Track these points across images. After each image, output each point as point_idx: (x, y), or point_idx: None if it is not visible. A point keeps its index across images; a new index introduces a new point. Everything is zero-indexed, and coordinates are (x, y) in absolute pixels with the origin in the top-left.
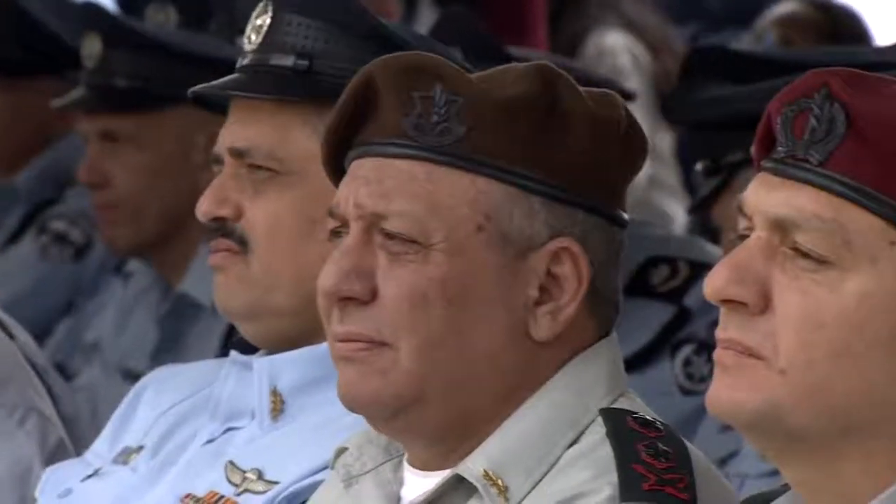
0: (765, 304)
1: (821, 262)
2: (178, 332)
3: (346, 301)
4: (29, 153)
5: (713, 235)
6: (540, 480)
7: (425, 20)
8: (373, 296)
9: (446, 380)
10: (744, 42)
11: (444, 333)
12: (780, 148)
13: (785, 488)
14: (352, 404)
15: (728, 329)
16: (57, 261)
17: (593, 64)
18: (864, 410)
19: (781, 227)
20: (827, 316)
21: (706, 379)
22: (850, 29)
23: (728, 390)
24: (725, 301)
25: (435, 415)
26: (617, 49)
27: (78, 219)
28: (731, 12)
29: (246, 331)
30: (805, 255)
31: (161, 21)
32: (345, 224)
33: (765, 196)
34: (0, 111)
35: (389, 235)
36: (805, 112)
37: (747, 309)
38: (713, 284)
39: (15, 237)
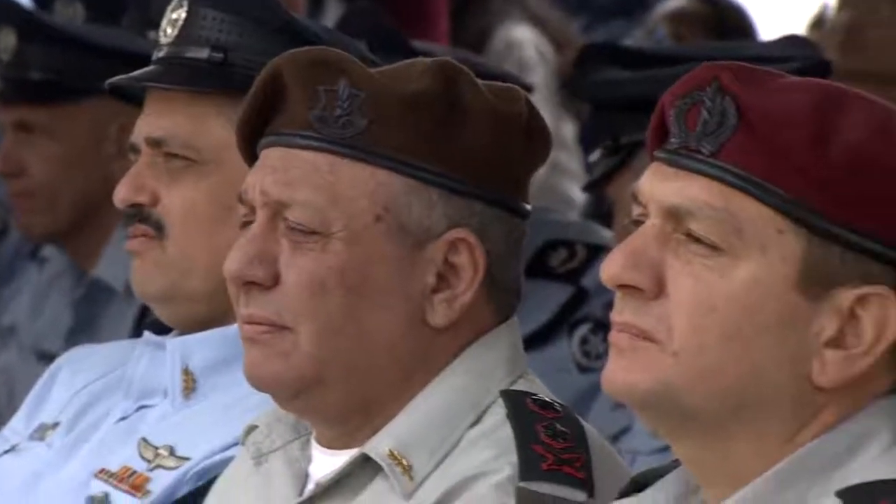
0: (659, 289)
1: (713, 248)
2: (92, 315)
3: (249, 285)
4: None
5: (608, 217)
6: (443, 460)
7: (332, 14)
8: (275, 281)
9: (345, 364)
10: (636, 36)
11: (343, 320)
12: (673, 139)
13: (675, 464)
14: (256, 384)
15: (623, 313)
16: None
17: (500, 58)
18: (753, 392)
19: (675, 216)
20: (718, 300)
21: (602, 357)
22: (737, 23)
23: (622, 372)
24: (621, 286)
25: (335, 396)
26: (523, 43)
27: None
28: (618, 5)
29: (161, 313)
30: (698, 241)
31: (69, 16)
32: (253, 211)
33: (659, 185)
34: None
35: (292, 224)
36: (697, 105)
37: (642, 294)
38: (609, 270)
39: None
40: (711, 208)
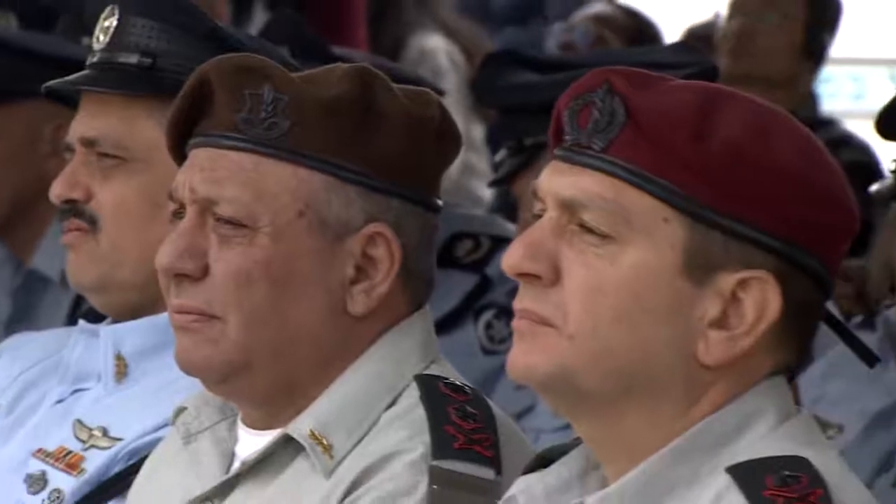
0: (555, 277)
1: (603, 237)
2: (30, 303)
3: (180, 277)
4: None
5: (513, 212)
6: (361, 439)
7: (258, 21)
8: (204, 273)
9: (270, 350)
10: (555, 31)
11: (268, 309)
12: (567, 137)
13: (577, 441)
14: (186, 369)
15: (524, 300)
16: None
17: (415, 65)
18: (644, 371)
19: (569, 208)
20: (608, 286)
21: (506, 340)
22: (652, 36)
23: (523, 356)
24: (521, 275)
25: (261, 381)
26: (436, 51)
27: None
28: (509, 14)
29: (95, 302)
30: (590, 231)
31: (3, 25)
32: (182, 207)
33: (554, 180)
34: None
35: (220, 219)
36: (589, 105)
37: (540, 282)
38: (509, 261)
39: None
40: (602, 199)
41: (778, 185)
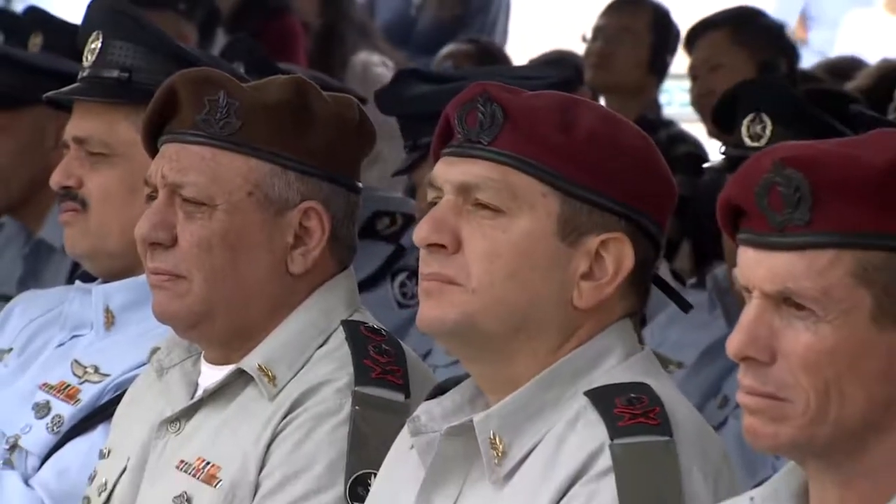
0: (457, 245)
1: (496, 211)
2: (37, 267)
3: (154, 245)
4: None
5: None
6: (298, 371)
7: (219, 43)
8: (173, 242)
9: (226, 303)
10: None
11: (224, 270)
12: (458, 136)
13: (466, 375)
14: (161, 318)
15: (431, 266)
16: None
17: (359, 77)
18: (531, 315)
19: (465, 190)
20: (502, 250)
21: (415, 296)
22: (497, 56)
23: (433, 310)
24: (429, 245)
25: (220, 326)
26: (375, 63)
27: None
28: (424, 45)
29: (87, 267)
30: (485, 207)
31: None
32: (155, 191)
33: (451, 170)
34: None
35: (185, 199)
36: (473, 110)
37: (445, 250)
38: (419, 234)
39: None
40: (493, 181)
41: (626, 166)
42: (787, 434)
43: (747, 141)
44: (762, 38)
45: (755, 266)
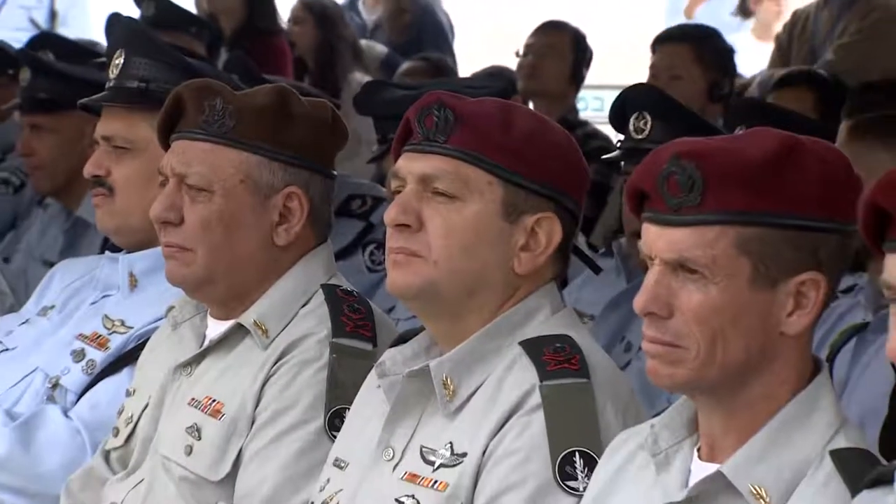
0: (420, 225)
1: (451, 197)
2: (75, 239)
3: (165, 224)
4: None
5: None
6: (286, 326)
7: (223, 58)
8: (181, 221)
9: (224, 270)
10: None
11: (222, 243)
12: (418, 136)
13: (423, 328)
14: (172, 282)
15: (398, 241)
16: (4, 195)
17: (354, 91)
18: (481, 281)
19: (425, 180)
20: (457, 228)
21: (382, 263)
22: (445, 69)
23: (402, 278)
24: (397, 225)
25: (220, 289)
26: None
27: (15, 171)
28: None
29: (115, 240)
30: (442, 194)
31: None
32: (167, 179)
33: (413, 164)
34: None
35: (190, 186)
36: (430, 114)
37: (410, 229)
38: (389, 216)
39: None
40: (448, 173)
41: (554, 158)
42: (682, 375)
43: (634, 134)
44: (717, 59)
45: (656, 239)
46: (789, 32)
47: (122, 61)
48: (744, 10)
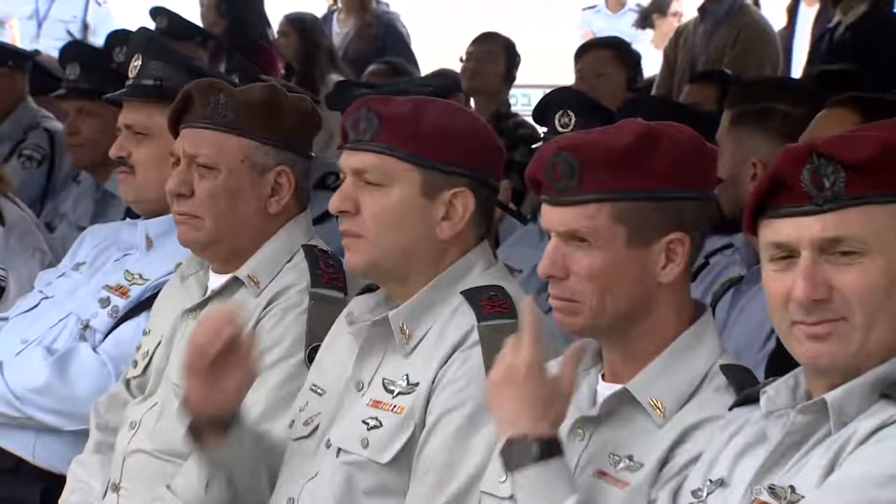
0: (357, 210)
1: (378, 185)
2: (103, 208)
3: (179, 196)
4: (2, 115)
5: None
6: (273, 278)
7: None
8: (192, 193)
9: (227, 233)
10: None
11: (226, 211)
12: (351, 136)
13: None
14: (183, 243)
15: (345, 224)
16: (30, 168)
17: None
18: (412, 250)
19: (358, 173)
20: (386, 210)
21: None
22: (404, 71)
23: (351, 259)
24: (339, 211)
25: (223, 249)
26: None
27: (36, 147)
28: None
29: (135, 209)
30: (371, 183)
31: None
32: (178, 161)
33: (349, 160)
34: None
35: (199, 165)
36: (359, 118)
37: (350, 213)
38: (332, 205)
39: (7, 159)
40: (374, 166)
41: (462, 143)
42: (581, 323)
43: (559, 129)
44: (630, 60)
45: (551, 217)
46: (674, 44)
47: (139, 63)
48: (645, 22)
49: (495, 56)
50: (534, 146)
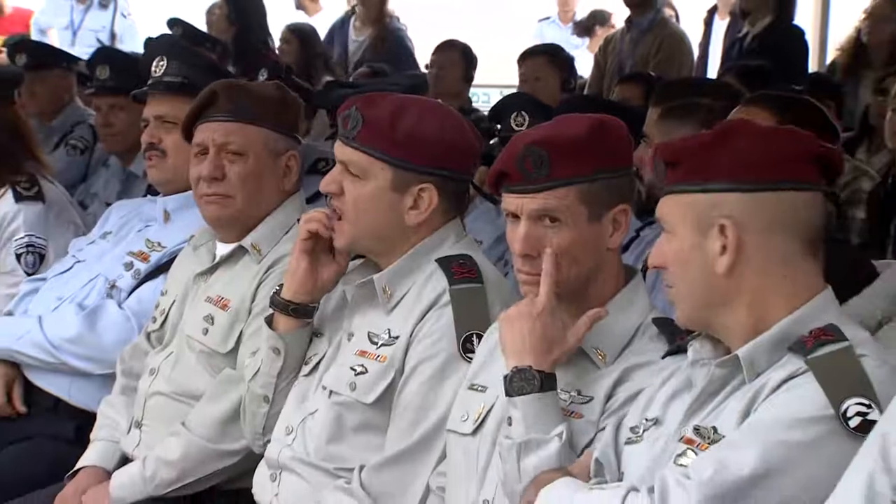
0: (342, 192)
1: (357, 177)
2: (129, 186)
3: (212, 179)
4: (56, 111)
5: None
6: (273, 247)
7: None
8: (223, 176)
9: (250, 210)
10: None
11: (252, 191)
12: (341, 132)
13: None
14: (210, 220)
15: (333, 202)
16: (74, 155)
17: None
18: (384, 233)
19: (343, 164)
20: (361, 198)
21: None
22: (382, 74)
23: (336, 240)
24: (328, 192)
25: (241, 222)
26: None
27: (80, 139)
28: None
29: (161, 188)
30: (352, 174)
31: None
32: (203, 150)
33: (339, 151)
34: (41, 95)
35: (229, 152)
36: (348, 117)
37: (337, 196)
38: (322, 187)
39: (55, 148)
40: (355, 162)
41: (432, 146)
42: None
43: (515, 127)
44: (564, 64)
45: (525, 203)
46: (604, 51)
47: (164, 63)
48: (585, 31)
49: (454, 61)
50: (492, 141)
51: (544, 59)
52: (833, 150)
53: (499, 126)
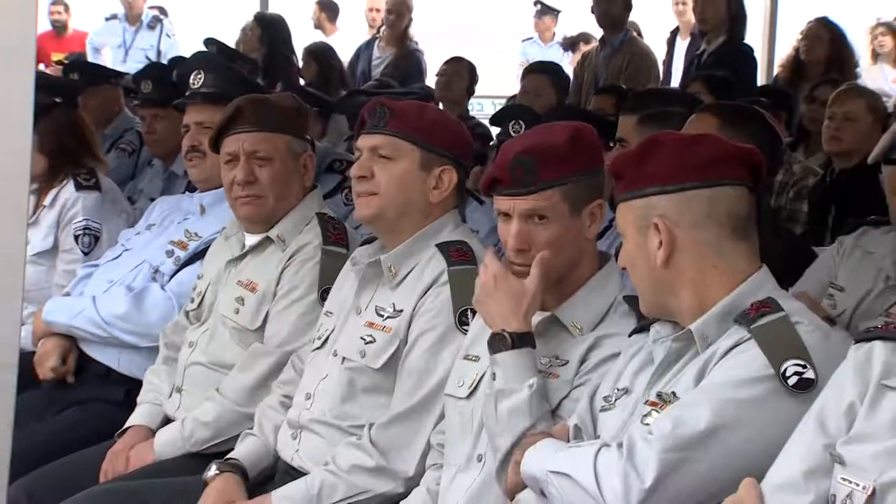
0: (372, 175)
1: (388, 159)
2: (170, 185)
3: (246, 182)
4: (109, 121)
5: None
6: (295, 237)
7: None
8: (256, 180)
9: (278, 206)
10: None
11: (281, 190)
12: (368, 124)
13: (375, 237)
14: (246, 218)
15: (361, 186)
16: (122, 157)
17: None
18: (408, 208)
19: (373, 149)
20: (393, 175)
21: (352, 201)
22: (388, 87)
23: (363, 210)
24: (359, 177)
25: (269, 218)
26: None
27: (129, 143)
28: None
29: (200, 186)
30: (383, 157)
31: (144, 88)
32: (234, 157)
33: (367, 141)
34: (94, 107)
35: (258, 157)
36: (374, 111)
37: (366, 178)
38: (353, 172)
39: (107, 152)
40: (386, 144)
41: (450, 133)
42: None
43: (512, 133)
44: (562, 84)
45: (517, 204)
46: (581, 65)
47: (201, 77)
48: (570, 45)
49: (461, 74)
50: (491, 143)
51: (547, 80)
52: (750, 149)
53: (499, 129)
